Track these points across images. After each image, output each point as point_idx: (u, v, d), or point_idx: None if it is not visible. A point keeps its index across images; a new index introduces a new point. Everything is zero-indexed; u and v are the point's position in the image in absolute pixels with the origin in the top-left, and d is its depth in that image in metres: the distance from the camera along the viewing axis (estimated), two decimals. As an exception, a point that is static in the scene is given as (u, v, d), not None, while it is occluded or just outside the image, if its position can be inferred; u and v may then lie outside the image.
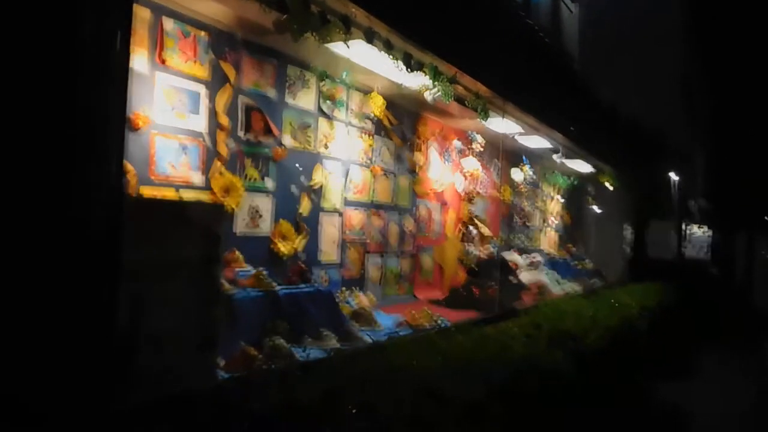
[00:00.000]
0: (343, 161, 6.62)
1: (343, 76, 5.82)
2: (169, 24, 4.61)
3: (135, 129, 4.37)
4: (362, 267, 6.98)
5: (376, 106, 6.31)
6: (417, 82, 5.78)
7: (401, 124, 7.61)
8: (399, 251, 7.70)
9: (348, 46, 4.60)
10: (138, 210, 2.86)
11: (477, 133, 8.68)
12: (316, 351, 4.14)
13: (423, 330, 5.35)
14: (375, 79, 6.24)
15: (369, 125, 7.01)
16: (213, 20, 4.90)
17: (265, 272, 4.46)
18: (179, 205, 3.35)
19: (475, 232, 8.82)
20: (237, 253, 4.84)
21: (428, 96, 6.09)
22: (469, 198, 8.83)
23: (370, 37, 4.64)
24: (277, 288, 4.40)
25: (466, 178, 8.85)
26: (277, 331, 4.06)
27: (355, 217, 6.85)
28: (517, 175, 10.45)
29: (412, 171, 7.91)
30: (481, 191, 9.30)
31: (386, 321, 5.72)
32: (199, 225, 3.09)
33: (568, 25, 11.48)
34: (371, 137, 7.06)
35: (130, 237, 2.76)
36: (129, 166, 4.29)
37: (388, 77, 5.91)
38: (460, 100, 6.76)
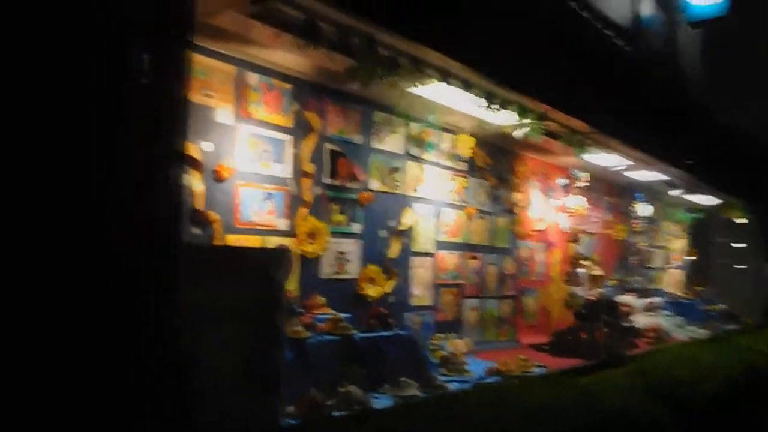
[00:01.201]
0: (434, 203, 6.55)
1: (430, 119, 5.81)
2: (253, 79, 4.85)
3: (220, 180, 4.58)
4: (458, 310, 6.80)
5: (465, 146, 6.22)
6: (505, 120, 5.66)
7: (497, 163, 7.44)
8: (499, 294, 7.43)
9: (418, 88, 4.58)
10: (199, 256, 2.96)
11: (581, 170, 8.30)
12: (387, 399, 4.04)
13: (514, 377, 5.07)
14: (463, 119, 6.17)
15: (461, 166, 6.92)
16: (296, 71, 5.09)
17: (342, 316, 4.45)
18: (241, 252, 3.44)
19: (583, 272, 8.35)
20: (319, 297, 4.88)
21: (518, 134, 5.93)
22: (575, 238, 8.39)
23: (447, 78, 4.60)
24: (354, 333, 4.37)
25: (570, 217, 8.44)
26: (351, 376, 4.02)
27: (449, 259, 6.72)
28: (631, 211, 9.84)
29: (511, 211, 7.67)
30: (589, 230, 8.83)
31: (478, 368, 5.49)
32: (261, 270, 3.14)
33: (687, 46, 10.76)
34: (464, 178, 6.95)
35: (187, 282, 2.85)
36: (214, 215, 4.51)
37: (477, 117, 5.84)
38: (556, 136, 6.53)
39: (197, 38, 4.42)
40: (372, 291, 5.69)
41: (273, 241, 4.92)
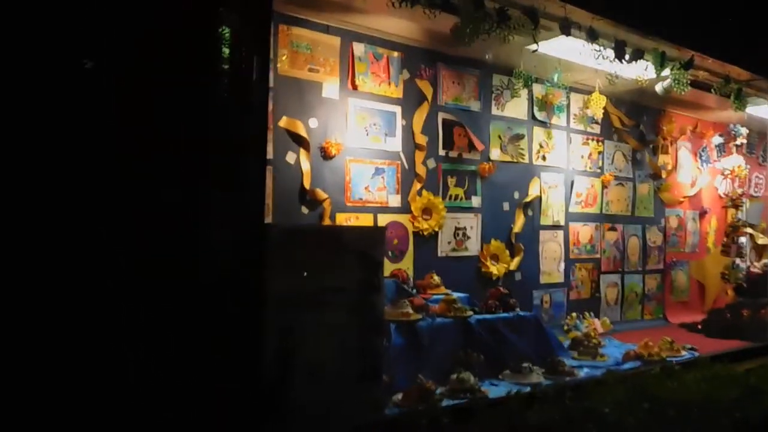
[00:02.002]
0: (566, 171, 6.01)
1: (555, 78, 5.27)
2: (359, 48, 4.63)
3: (328, 156, 4.44)
4: (594, 287, 6.23)
5: (597, 106, 5.60)
6: (642, 73, 4.98)
7: (639, 124, 6.68)
8: (643, 268, 6.72)
9: (537, 45, 4.10)
10: (289, 238, 2.82)
11: (741, 126, 7.24)
12: (506, 386, 3.72)
13: (657, 363, 4.50)
14: (593, 76, 5.54)
15: (595, 129, 6.28)
16: (405, 38, 4.80)
17: (456, 297, 4.16)
18: (334, 232, 3.26)
19: (745, 242, 7.35)
20: (435, 276, 4.62)
21: (658, 88, 5.22)
22: (735, 203, 7.38)
23: (567, 29, 4.07)
24: (470, 314, 4.06)
25: (729, 179, 7.43)
26: (466, 362, 3.73)
27: (583, 231, 6.15)
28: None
29: (656, 176, 6.88)
30: (752, 194, 7.74)
31: (615, 351, 4.96)
32: (356, 251, 2.94)
33: None
34: (599, 142, 6.31)
35: (279, 266, 2.73)
36: (323, 194, 4.38)
37: (608, 71, 5.20)
38: (707, 88, 5.70)
39: (299, 11, 4.29)
40: (495, 269, 5.33)
41: (385, 219, 4.72)
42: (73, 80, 2.36)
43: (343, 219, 4.50)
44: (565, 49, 4.70)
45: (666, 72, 5.00)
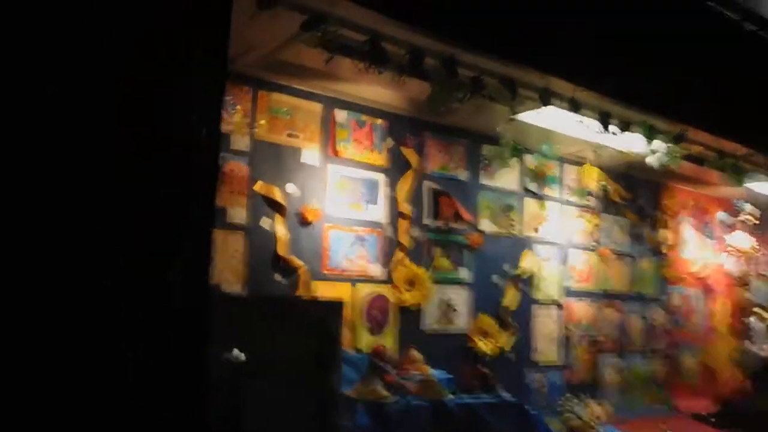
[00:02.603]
0: (560, 245, 5.79)
1: (544, 149, 5.16)
2: (341, 115, 4.57)
3: (306, 223, 4.29)
4: (594, 369, 5.87)
5: (590, 179, 5.45)
6: (634, 146, 4.85)
7: (637, 197, 6.50)
8: (646, 349, 6.37)
9: (523, 114, 4.00)
10: (237, 309, 2.62)
11: (746, 202, 7.04)
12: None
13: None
14: (587, 148, 5.42)
15: (591, 201, 6.10)
16: (389, 106, 4.74)
17: (435, 376, 3.87)
18: (284, 303, 3.04)
19: (757, 324, 6.98)
20: (415, 353, 4.34)
21: (651, 161, 5.06)
22: (744, 282, 7.07)
23: (548, 99, 3.97)
24: (449, 397, 3.76)
25: (737, 257, 7.15)
26: (440, 449, 3.42)
27: (581, 309, 5.86)
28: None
29: (657, 251, 6.63)
30: (763, 272, 7.43)
31: (614, 441, 4.59)
32: (308, 324, 2.72)
33: None
34: (595, 215, 6.11)
35: (225, 338, 2.52)
36: (298, 262, 4.20)
37: (600, 144, 5.09)
38: (703, 162, 5.55)
39: (279, 78, 4.25)
40: (485, 346, 5.04)
41: (366, 290, 4.51)
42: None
43: (320, 288, 4.30)
44: (551, 119, 4.59)
45: (659, 145, 4.87)
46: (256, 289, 4.00)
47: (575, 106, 4.13)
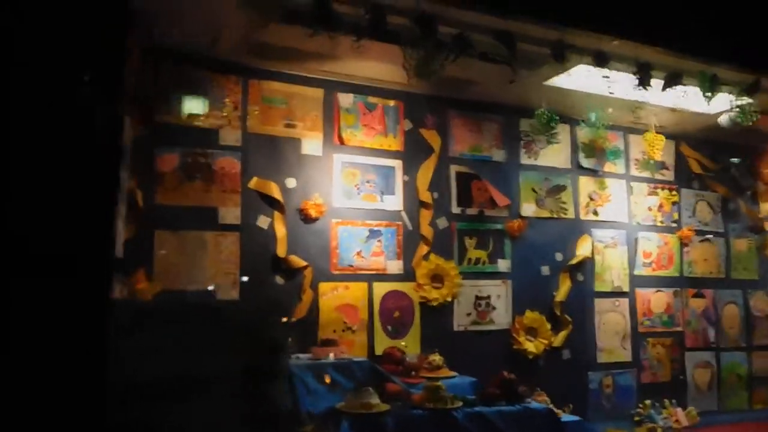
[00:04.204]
0: (627, 227, 5.04)
1: (593, 118, 4.46)
2: (346, 99, 4.18)
3: (309, 219, 3.96)
4: (676, 367, 5.07)
5: (654, 148, 4.66)
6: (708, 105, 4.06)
7: (729, 167, 5.55)
8: (747, 344, 5.42)
9: (514, 73, 3.40)
10: (147, 319, 2.34)
11: None
12: None
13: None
14: (650, 112, 4.66)
15: (667, 176, 5.27)
16: (402, 84, 4.25)
17: (440, 383, 3.37)
18: (204, 311, 2.69)
19: None
20: (435, 356, 3.87)
21: (723, 121, 4.24)
22: None
23: (560, 56, 3.35)
24: (458, 406, 3.27)
25: None
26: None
27: (656, 299, 5.07)
28: None
29: (758, 229, 5.63)
30: None
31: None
32: (239, 333, 2.39)
33: None
34: (672, 191, 5.28)
35: (129, 351, 2.25)
36: (300, 261, 3.88)
37: (673, 107, 4.34)
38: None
39: (271, 64, 3.94)
40: (532, 345, 4.46)
41: (383, 288, 4.11)
42: None
43: (329, 288, 3.96)
44: (590, 81, 3.94)
45: (734, 101, 4.06)
46: (252, 294, 3.74)
47: (601, 59, 3.46)
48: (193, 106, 3.80)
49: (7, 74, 2.13)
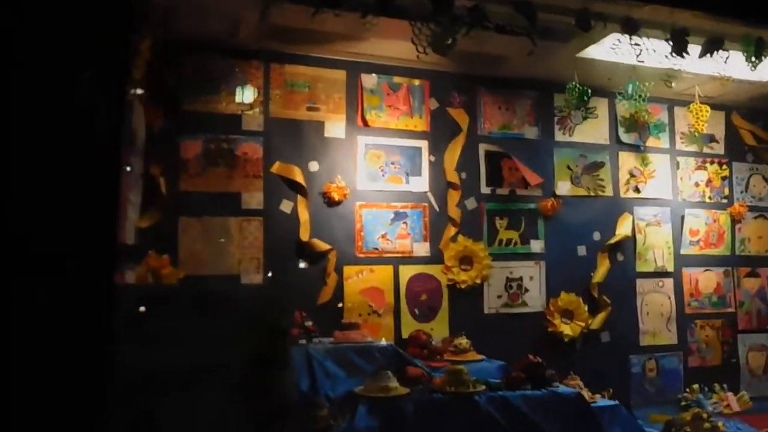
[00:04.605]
0: (672, 204, 4.80)
1: (629, 90, 4.22)
2: (370, 80, 4.12)
3: (333, 203, 3.94)
4: (729, 351, 4.81)
5: (698, 119, 4.39)
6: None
7: (786, 137, 5.20)
8: (810, 325, 5.10)
9: (534, 44, 3.21)
10: (150, 305, 2.37)
11: None
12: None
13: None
14: (691, 81, 4.40)
15: (717, 149, 4.98)
16: (428, 63, 4.12)
17: (462, 366, 3.30)
18: (200, 295, 2.68)
19: None
20: (462, 339, 3.80)
21: (774, 87, 3.94)
22: None
23: (586, 23, 3.17)
24: (481, 390, 3.19)
25: None
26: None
27: (705, 279, 4.82)
28: None
29: (820, 203, 5.25)
30: None
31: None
32: (235, 319, 2.40)
33: None
34: (723, 165, 4.98)
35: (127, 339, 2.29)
36: (323, 245, 3.87)
37: (721, 75, 4.07)
38: None
39: (293, 48, 3.92)
40: (568, 328, 4.33)
41: (409, 272, 4.06)
42: None
43: (353, 272, 3.95)
44: (622, 51, 3.72)
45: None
46: (277, 278, 3.76)
47: (632, 28, 3.25)
48: (245, 95, 3.83)
49: (4, 71, 2.18)
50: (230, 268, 3.73)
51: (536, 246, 4.38)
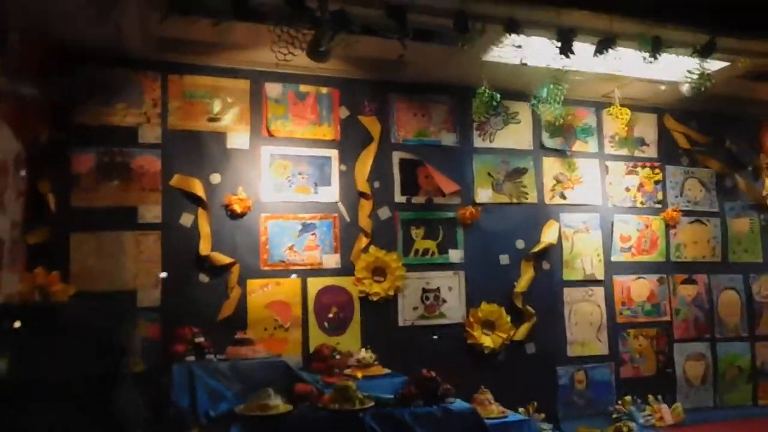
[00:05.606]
0: (601, 210, 4.68)
1: (544, 93, 4.10)
2: (275, 89, 4.04)
3: (235, 215, 3.84)
4: (662, 360, 4.66)
5: (621, 120, 4.29)
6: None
7: (724, 140, 5.07)
8: (748, 333, 4.94)
9: (405, 47, 3.11)
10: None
11: None
12: None
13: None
14: (612, 83, 4.31)
15: (648, 152, 4.87)
16: (336, 71, 4.09)
17: (350, 382, 3.17)
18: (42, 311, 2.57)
19: None
20: (364, 353, 3.67)
21: (685, 89, 3.84)
22: None
23: (463, 25, 3.08)
24: (364, 407, 3.06)
25: None
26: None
27: (637, 286, 4.68)
28: None
29: (761, 207, 5.12)
30: None
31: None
32: (66, 335, 2.30)
33: None
34: (655, 169, 4.86)
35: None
36: (224, 259, 3.77)
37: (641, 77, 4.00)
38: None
39: (192, 58, 3.84)
40: (488, 339, 4.20)
41: (318, 283, 3.95)
42: None
43: (258, 286, 3.84)
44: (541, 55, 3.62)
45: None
46: (175, 294, 3.66)
47: (515, 28, 3.15)
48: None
49: None
50: (126, 283, 3.63)
51: (455, 255, 4.27)
